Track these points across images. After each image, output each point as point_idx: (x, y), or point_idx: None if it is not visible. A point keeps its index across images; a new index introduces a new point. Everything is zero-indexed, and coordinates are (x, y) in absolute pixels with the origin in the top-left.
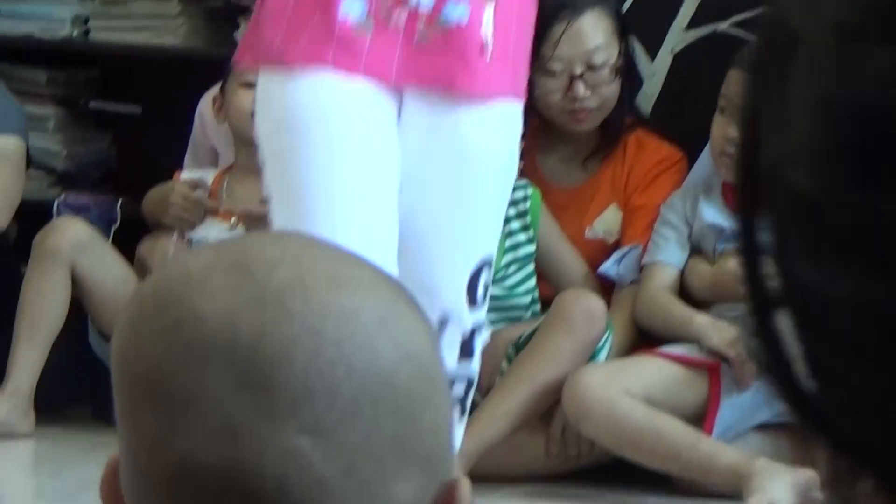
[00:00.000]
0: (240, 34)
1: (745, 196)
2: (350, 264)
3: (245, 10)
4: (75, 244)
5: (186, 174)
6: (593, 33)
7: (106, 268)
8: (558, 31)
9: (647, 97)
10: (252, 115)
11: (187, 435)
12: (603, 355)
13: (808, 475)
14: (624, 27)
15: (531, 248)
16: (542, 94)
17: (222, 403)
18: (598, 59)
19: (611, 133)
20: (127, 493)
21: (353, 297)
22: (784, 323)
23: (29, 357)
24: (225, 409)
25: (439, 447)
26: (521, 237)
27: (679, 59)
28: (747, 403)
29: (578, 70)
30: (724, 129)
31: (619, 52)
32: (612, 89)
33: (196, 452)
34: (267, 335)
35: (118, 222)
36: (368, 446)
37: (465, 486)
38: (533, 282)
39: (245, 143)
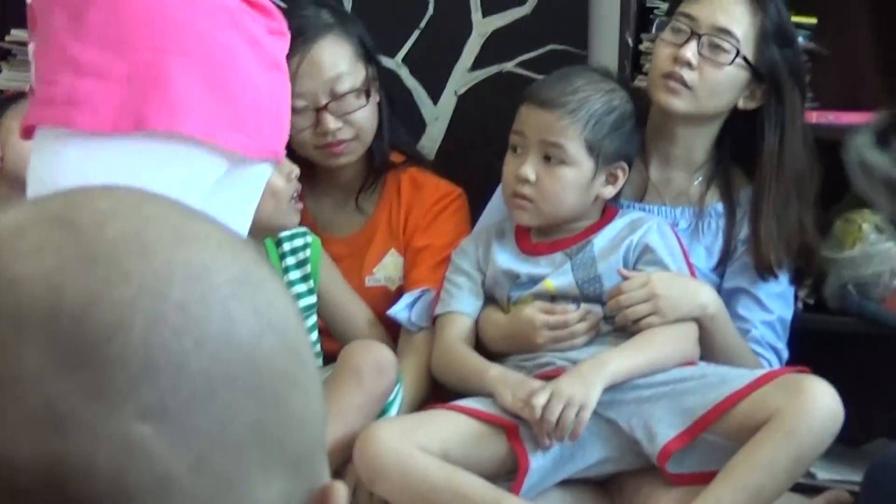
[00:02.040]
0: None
1: None
2: (198, 218)
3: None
4: None
5: None
6: (332, 61)
7: None
8: (294, 66)
9: (432, 140)
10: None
11: None
12: (394, 409)
13: None
14: (368, 49)
15: (312, 298)
16: (295, 133)
17: (42, 386)
18: (341, 87)
19: (377, 164)
20: None
21: (202, 253)
22: None
23: None
24: (45, 393)
25: (309, 442)
26: (302, 287)
27: (463, 100)
28: (550, 461)
29: (323, 101)
30: (516, 169)
31: (367, 76)
32: (364, 115)
33: (10, 448)
34: (97, 301)
35: None
36: (223, 434)
37: (340, 491)
38: (313, 336)
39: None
